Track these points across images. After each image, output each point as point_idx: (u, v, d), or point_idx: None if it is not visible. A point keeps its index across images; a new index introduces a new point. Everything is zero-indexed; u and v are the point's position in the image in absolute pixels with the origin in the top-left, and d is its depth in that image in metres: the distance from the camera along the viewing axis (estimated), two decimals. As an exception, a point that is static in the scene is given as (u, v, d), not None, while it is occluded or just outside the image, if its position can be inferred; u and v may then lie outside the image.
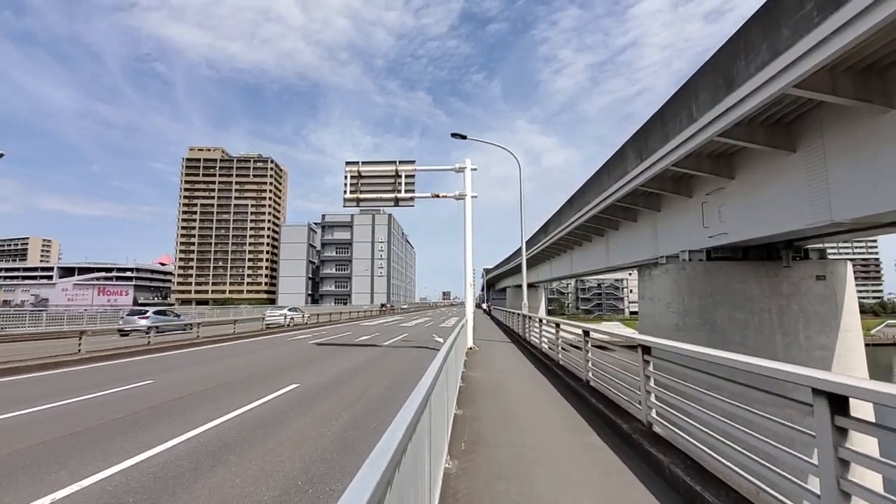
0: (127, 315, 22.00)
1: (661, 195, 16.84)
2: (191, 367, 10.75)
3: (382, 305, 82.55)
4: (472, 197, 14.19)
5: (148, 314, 20.37)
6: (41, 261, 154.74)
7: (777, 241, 13.32)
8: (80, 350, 11.35)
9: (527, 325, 15.46)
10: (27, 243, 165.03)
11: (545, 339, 11.32)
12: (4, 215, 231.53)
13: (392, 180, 14.62)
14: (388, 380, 9.10)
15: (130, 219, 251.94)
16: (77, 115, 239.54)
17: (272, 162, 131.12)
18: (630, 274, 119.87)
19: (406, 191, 14.41)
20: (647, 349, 4.40)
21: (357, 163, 14.68)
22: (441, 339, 18.54)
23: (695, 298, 13.40)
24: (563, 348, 8.89)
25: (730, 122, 9.87)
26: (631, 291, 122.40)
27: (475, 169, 14.37)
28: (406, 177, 14.53)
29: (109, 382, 8.74)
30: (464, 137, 15.99)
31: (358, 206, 14.54)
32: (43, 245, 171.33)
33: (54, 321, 23.42)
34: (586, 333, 6.70)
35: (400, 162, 14.55)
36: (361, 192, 14.59)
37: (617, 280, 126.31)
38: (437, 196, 14.33)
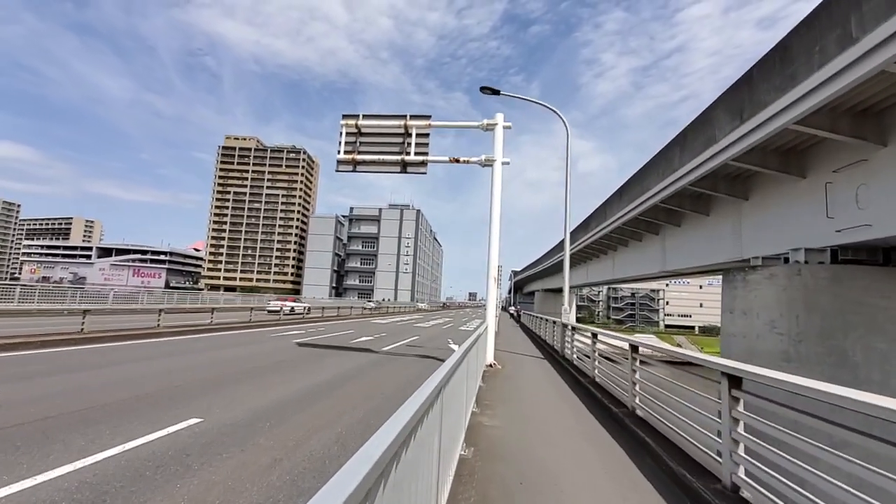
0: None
1: (755, 177, 12.83)
2: (80, 372, 7.66)
3: (444, 304, 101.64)
4: (504, 163, 10.61)
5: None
6: (83, 241, 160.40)
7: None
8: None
9: (566, 338, 11.79)
10: (70, 223, 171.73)
11: (601, 364, 7.64)
12: (58, 198, 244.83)
13: (400, 140, 11.22)
14: (352, 417, 5.68)
15: (173, 206, 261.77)
16: (130, 105, 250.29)
17: (304, 153, 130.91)
18: (667, 284, 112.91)
19: (417, 153, 10.98)
20: None
21: (357, 116, 11.38)
22: (456, 347, 15.04)
23: (815, 317, 9.39)
24: (637, 381, 5.27)
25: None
26: (667, 303, 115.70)
27: (508, 126, 10.79)
28: (418, 135, 11.10)
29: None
30: (496, 92, 12.41)
31: (355, 169, 11.21)
32: (86, 225, 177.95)
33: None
34: (734, 381, 3.10)
35: (411, 117, 11.14)
36: (360, 152, 11.25)
37: (652, 290, 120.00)
38: (457, 161, 10.83)
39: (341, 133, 11.31)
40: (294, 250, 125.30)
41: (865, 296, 9.26)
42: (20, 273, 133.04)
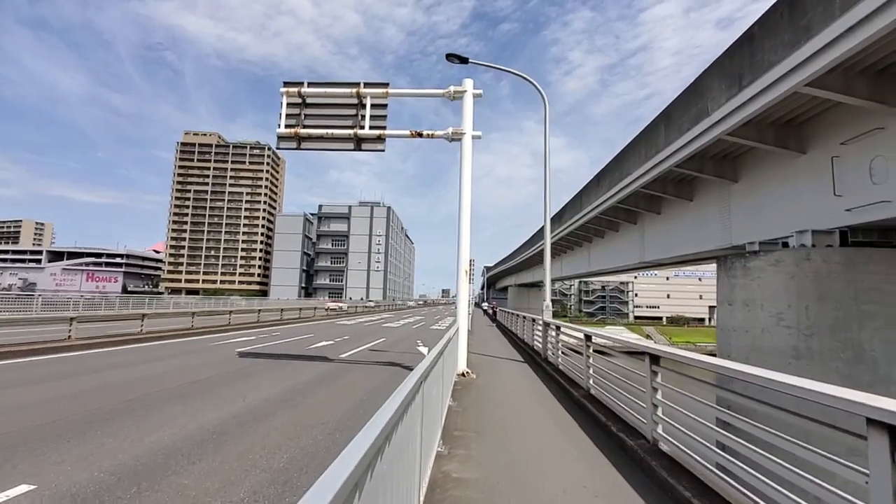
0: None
1: (745, 156, 11.80)
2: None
3: (424, 302, 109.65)
4: (475, 137, 9.07)
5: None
6: (34, 244, 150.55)
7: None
8: None
9: (548, 338, 10.40)
10: (20, 226, 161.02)
11: (598, 374, 6.21)
12: (10, 200, 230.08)
13: (353, 111, 9.52)
14: (267, 469, 4.02)
15: (134, 207, 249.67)
16: (86, 102, 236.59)
17: (269, 149, 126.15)
18: (636, 277, 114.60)
19: (372, 126, 9.30)
20: None
21: (301, 83, 9.60)
22: (425, 350, 13.48)
23: (828, 307, 8.28)
24: (659, 403, 3.84)
25: None
26: (636, 295, 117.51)
27: (479, 94, 9.26)
28: (374, 106, 9.43)
29: None
30: (465, 60, 10.83)
31: (299, 146, 9.45)
32: (36, 228, 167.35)
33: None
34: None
35: (365, 84, 9.45)
36: (305, 125, 9.49)
37: (622, 283, 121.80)
38: (419, 135, 9.20)
39: (283, 103, 9.52)
40: (260, 250, 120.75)
41: (884, 282, 8.22)
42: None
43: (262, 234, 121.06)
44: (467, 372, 8.25)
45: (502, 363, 10.53)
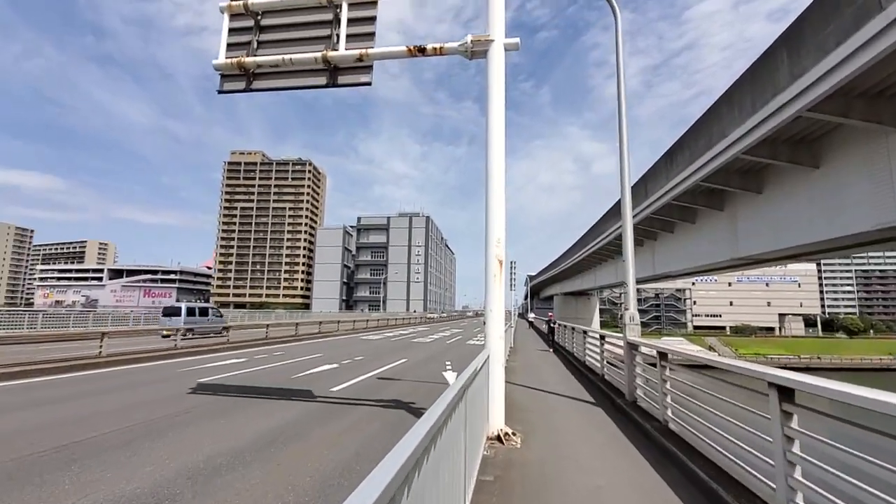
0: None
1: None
2: None
3: (476, 313, 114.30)
4: (508, 48, 5.64)
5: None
6: (97, 263, 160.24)
7: None
8: None
9: (635, 368, 6.67)
10: (85, 246, 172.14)
11: (807, 473, 2.60)
12: (84, 223, 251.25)
13: (326, 30, 6.37)
14: None
15: (194, 226, 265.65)
16: (151, 131, 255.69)
17: (311, 165, 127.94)
18: (693, 283, 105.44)
19: (351, 46, 6.10)
20: None
21: (253, -3, 6.58)
22: (453, 377, 10.02)
23: None
24: None
25: None
26: (695, 303, 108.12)
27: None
28: (353, 21, 6.24)
29: None
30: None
31: (249, 85, 6.39)
32: (99, 248, 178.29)
33: None
34: None
35: (343, -11, 6.31)
36: (258, 51, 6.43)
37: (678, 290, 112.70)
38: (421, 51, 5.86)
39: (226, 25, 6.51)
40: (303, 264, 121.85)
41: None
42: (34, 298, 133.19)
43: (304, 249, 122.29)
44: (506, 434, 4.73)
45: (562, 406, 6.91)
